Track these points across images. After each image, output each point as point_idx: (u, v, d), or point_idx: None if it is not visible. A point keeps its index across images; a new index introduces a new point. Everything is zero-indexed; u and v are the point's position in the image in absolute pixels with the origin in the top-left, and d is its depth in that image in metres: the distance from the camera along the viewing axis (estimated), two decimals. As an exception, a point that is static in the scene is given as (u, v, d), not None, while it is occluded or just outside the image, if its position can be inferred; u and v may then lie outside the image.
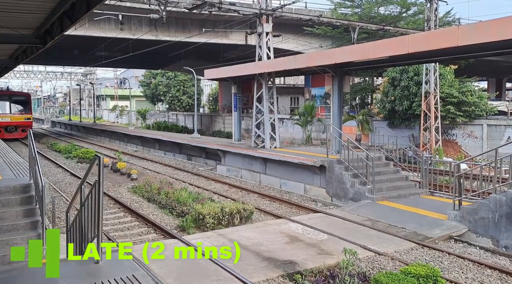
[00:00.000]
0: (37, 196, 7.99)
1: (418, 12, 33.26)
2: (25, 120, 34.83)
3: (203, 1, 19.82)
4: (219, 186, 18.18)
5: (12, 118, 34.33)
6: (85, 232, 5.99)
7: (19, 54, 14.56)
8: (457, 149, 26.12)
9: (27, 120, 35.02)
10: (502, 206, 9.96)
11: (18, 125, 34.52)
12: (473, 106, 25.37)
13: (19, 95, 39.60)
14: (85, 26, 26.38)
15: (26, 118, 35.03)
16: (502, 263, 9.19)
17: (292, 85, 51.81)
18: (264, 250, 9.22)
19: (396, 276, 7.04)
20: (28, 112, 35.66)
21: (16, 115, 34.53)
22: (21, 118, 34.70)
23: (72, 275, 5.23)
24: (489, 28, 10.63)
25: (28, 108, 35.91)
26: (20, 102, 35.54)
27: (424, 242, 9.97)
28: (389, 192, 13.83)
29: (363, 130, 28.86)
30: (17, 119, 34.48)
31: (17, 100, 35.58)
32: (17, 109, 34.85)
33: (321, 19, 25.34)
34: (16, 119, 34.46)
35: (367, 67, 19.39)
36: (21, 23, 9.61)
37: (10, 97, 35.27)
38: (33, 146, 8.36)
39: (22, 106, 35.32)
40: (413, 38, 13.20)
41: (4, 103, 34.40)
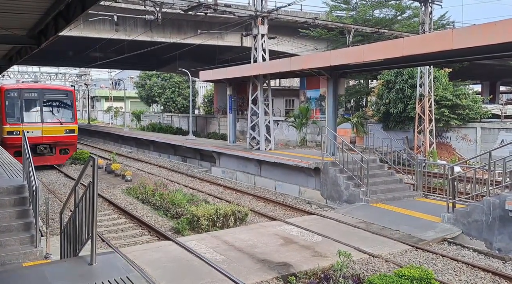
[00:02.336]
0: (31, 197, 7.95)
1: (413, 16, 33.41)
2: (67, 133, 21.87)
3: (199, 2, 19.82)
4: (214, 188, 18.16)
5: (45, 131, 21.22)
6: (79, 234, 5.96)
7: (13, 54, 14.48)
8: (451, 152, 26.24)
9: (69, 134, 22.01)
10: (495, 209, 10.01)
11: (55, 142, 21.69)
12: (467, 109, 25.51)
13: (57, 91, 23.17)
14: (80, 27, 26.31)
15: (68, 130, 21.97)
16: (495, 265, 9.24)
17: (287, 87, 51.86)
18: (258, 252, 9.21)
19: (390, 278, 7.06)
20: (71, 119, 22.30)
21: (52, 126, 21.48)
22: (60, 130, 21.68)
23: (66, 277, 5.20)
24: (482, 32, 10.71)
25: (71, 113, 22.50)
26: (59, 103, 22.42)
27: (418, 244, 10.00)
28: (384, 195, 13.88)
29: (357, 132, 28.95)
30: (53, 132, 21.50)
31: (54, 99, 22.30)
32: (53, 115, 21.85)
33: (317, 21, 25.41)
34: (52, 132, 21.47)
35: (362, 69, 19.45)
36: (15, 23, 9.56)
37: (41, 94, 21.71)
38: (27, 147, 8.31)
39: (61, 110, 22.38)
40: (407, 41, 13.27)
41: (32, 106, 21.47)
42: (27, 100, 21.10)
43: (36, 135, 20.59)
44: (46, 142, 21.31)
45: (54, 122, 21.50)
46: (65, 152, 22.47)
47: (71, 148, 22.58)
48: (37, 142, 20.76)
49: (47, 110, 21.62)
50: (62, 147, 22.13)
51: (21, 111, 20.80)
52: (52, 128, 21.33)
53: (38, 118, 21.14)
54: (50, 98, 21.91)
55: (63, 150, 22.31)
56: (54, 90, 22.94)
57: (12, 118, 20.70)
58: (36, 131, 20.68)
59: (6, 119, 20.51)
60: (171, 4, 19.94)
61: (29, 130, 19.55)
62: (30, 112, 21.15)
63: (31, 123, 20.82)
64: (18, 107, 20.83)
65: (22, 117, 20.80)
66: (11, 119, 20.64)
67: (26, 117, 20.92)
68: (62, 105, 22.28)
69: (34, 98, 21.29)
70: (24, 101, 20.99)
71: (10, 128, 20.35)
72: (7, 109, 20.69)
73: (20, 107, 20.81)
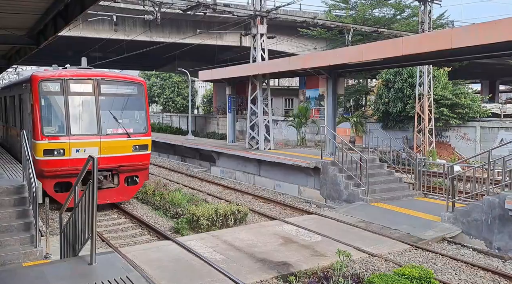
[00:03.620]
0: (31, 197, 7.95)
1: (412, 15, 33.42)
2: (136, 151, 13.66)
3: (198, 2, 19.82)
4: (213, 187, 18.16)
5: (104, 149, 13.01)
6: (79, 234, 5.96)
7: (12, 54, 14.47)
8: (450, 151, 26.25)
9: (140, 153, 13.77)
10: (495, 208, 10.02)
11: (119, 166, 13.43)
12: (466, 108, 25.52)
13: (122, 83, 14.14)
14: (79, 27, 26.28)
15: (139, 147, 13.75)
16: (495, 264, 9.25)
17: (286, 86, 51.88)
18: (258, 251, 9.22)
19: (389, 278, 7.07)
20: (143, 129, 14.06)
21: (114, 140, 13.30)
22: (127, 147, 13.53)
23: (66, 277, 5.20)
24: (482, 31, 10.71)
25: (142, 118, 14.28)
26: (124, 102, 13.95)
27: (417, 243, 10.01)
28: (383, 194, 13.88)
29: (357, 132, 28.95)
30: (116, 151, 13.31)
31: (117, 95, 13.78)
32: (117, 122, 13.43)
33: (316, 21, 25.41)
34: (115, 150, 13.28)
35: (361, 69, 19.45)
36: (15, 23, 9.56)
37: (97, 87, 13.25)
38: (26, 147, 8.30)
39: (128, 114, 14.20)
40: (407, 40, 13.28)
41: (84, 107, 13.21)
42: (75, 96, 12.76)
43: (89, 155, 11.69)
44: (106, 166, 12.83)
45: (118, 133, 13.10)
46: (133, 181, 13.87)
47: (142, 175, 13.93)
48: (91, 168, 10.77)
49: (107, 113, 13.01)
50: (129, 174, 13.60)
51: (67, 116, 12.45)
52: (115, 143, 12.97)
53: (94, 128, 12.75)
54: (111, 94, 13.32)
55: (130, 179, 13.75)
56: (118, 80, 13.82)
57: (51, 128, 12.54)
58: (91, 149, 12.45)
59: (41, 129, 12.18)
60: (170, 4, 19.94)
61: (80, 148, 12.33)
62: (81, 117, 12.85)
63: (83, 136, 12.59)
64: (62, 108, 12.53)
65: (68, 126, 12.41)
66: (49, 129, 12.43)
67: (74, 126, 12.54)
68: (130, 105, 13.80)
69: (87, 94, 12.91)
70: (71, 99, 12.67)
71: (48, 145, 12.09)
72: (44, 112, 12.39)
73: (65, 109, 12.50)
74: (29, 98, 12.82)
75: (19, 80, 15.21)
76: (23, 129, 12.93)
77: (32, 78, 12.55)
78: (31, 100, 12.52)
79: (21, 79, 14.63)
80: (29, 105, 12.75)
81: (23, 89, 13.58)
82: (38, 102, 12.33)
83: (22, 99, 14.09)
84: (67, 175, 12.00)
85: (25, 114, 13.70)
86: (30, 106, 12.72)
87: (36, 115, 12.26)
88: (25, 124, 13.70)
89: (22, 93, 13.88)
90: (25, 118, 13.74)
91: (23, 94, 13.78)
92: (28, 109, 13.04)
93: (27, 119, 13.27)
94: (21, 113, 14.38)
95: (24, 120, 13.97)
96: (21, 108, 14.27)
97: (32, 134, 12.35)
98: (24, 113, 13.91)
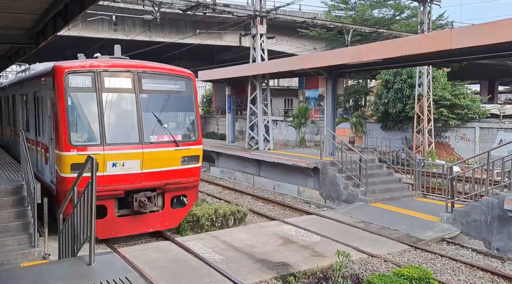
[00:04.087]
0: (29, 197, 7.94)
1: (411, 15, 33.43)
2: (185, 164, 10.54)
3: (197, 2, 19.81)
4: (213, 187, 18.15)
5: (147, 163, 9.87)
6: (78, 234, 5.95)
7: (12, 54, 14.45)
8: (449, 152, 26.25)
9: (189, 166, 10.64)
10: (494, 208, 10.02)
11: (165, 184, 10.26)
12: (465, 109, 25.53)
13: (167, 77, 10.80)
14: (78, 27, 26.25)
15: (188, 158, 10.62)
16: (494, 265, 9.24)
17: (286, 87, 51.86)
18: (257, 252, 9.21)
19: (389, 278, 7.06)
20: (193, 136, 11.02)
21: (159, 150, 10.12)
22: (174, 159, 10.35)
23: (64, 277, 5.18)
24: (481, 32, 10.72)
25: (192, 121, 11.24)
26: (170, 101, 10.77)
27: (416, 244, 10.00)
28: (382, 194, 13.87)
29: (356, 132, 28.95)
30: (161, 164, 10.15)
31: (162, 92, 10.62)
32: (161, 126, 10.32)
33: (315, 21, 25.42)
34: (160, 163, 10.11)
35: (361, 69, 19.46)
36: (14, 23, 9.54)
37: (138, 82, 10.13)
38: (25, 147, 8.29)
39: (175, 117, 11.32)
40: (406, 41, 13.28)
41: (121, 107, 10.20)
42: (111, 94, 9.85)
43: (129, 170, 9.64)
44: (150, 184, 9.97)
45: (164, 142, 10.18)
46: (181, 202, 10.90)
47: (191, 195, 10.94)
48: (132, 187, 9.72)
49: (150, 116, 10.16)
50: (176, 193, 10.64)
51: (101, 119, 9.56)
52: (160, 154, 10.06)
53: (134, 135, 9.86)
54: (154, 91, 10.43)
55: (176, 199, 10.78)
56: (163, 73, 10.73)
57: (81, 135, 9.69)
58: (131, 162, 9.66)
59: (68, 137, 9.29)
60: (169, 4, 19.92)
61: (117, 161, 9.47)
62: (118, 120, 10.00)
63: (122, 145, 9.70)
64: (95, 109, 9.62)
65: (102, 133, 9.52)
66: (79, 137, 9.57)
67: (110, 132, 9.64)
68: (177, 105, 11.04)
69: (126, 90, 10.01)
70: (106, 97, 9.75)
71: (78, 158, 9.06)
72: (71, 114, 9.55)
73: (98, 110, 9.59)
74: (49, 96, 9.96)
75: (33, 74, 12.36)
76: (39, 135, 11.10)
77: (55, 70, 9.46)
78: (53, 99, 9.52)
79: (37, 72, 11.66)
80: (50, 105, 9.91)
81: (40, 85, 10.57)
82: (63, 101, 9.22)
83: (38, 98, 11.22)
84: (101, 197, 8.56)
85: (42, 117, 10.89)
86: (51, 107, 9.80)
87: (61, 118, 9.17)
88: (42, 129, 10.92)
89: (39, 90, 11.03)
90: (42, 121, 10.90)
91: (40, 91, 11.00)
92: (48, 110, 10.22)
93: (46, 123, 10.44)
94: (36, 116, 11.44)
95: (40, 125, 11.09)
96: (37, 109, 11.39)
97: (54, 143, 9.50)
98: (40, 116, 11.04)
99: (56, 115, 9.43)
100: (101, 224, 8.78)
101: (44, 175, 10.79)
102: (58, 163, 9.41)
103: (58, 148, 9.43)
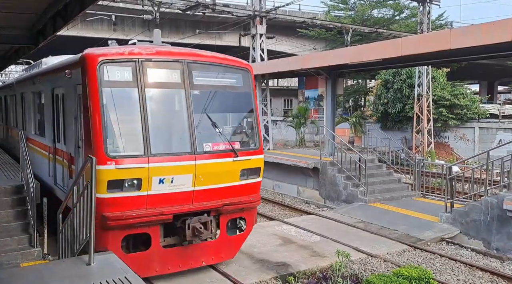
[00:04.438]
0: (29, 197, 7.93)
1: (411, 15, 33.47)
2: (244, 179, 8.10)
3: (197, 2, 19.81)
4: (212, 187, 18.11)
5: (200, 178, 7.49)
6: (77, 234, 5.95)
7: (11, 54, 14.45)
8: (449, 152, 26.28)
9: (248, 181, 8.20)
10: (493, 208, 10.02)
11: (222, 205, 7.82)
12: (465, 109, 25.56)
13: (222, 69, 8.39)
14: (77, 27, 26.27)
15: (248, 172, 8.17)
16: (493, 265, 9.24)
17: (285, 87, 51.86)
18: (257, 252, 9.21)
19: (388, 278, 7.06)
20: (253, 142, 8.46)
21: (214, 161, 7.70)
22: (232, 173, 7.93)
23: (64, 277, 5.18)
24: (480, 32, 10.73)
25: (250, 123, 8.65)
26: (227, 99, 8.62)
27: (416, 244, 10.01)
28: (382, 194, 13.88)
29: (356, 132, 28.97)
30: (216, 179, 7.72)
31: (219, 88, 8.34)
32: (216, 131, 7.89)
33: (315, 21, 25.45)
34: (217, 178, 7.73)
35: (360, 69, 19.46)
36: (14, 23, 9.54)
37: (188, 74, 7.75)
38: (24, 147, 8.28)
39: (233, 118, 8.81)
40: (406, 41, 13.29)
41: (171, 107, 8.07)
42: (156, 90, 7.79)
43: (179, 187, 7.47)
44: (206, 206, 7.82)
45: (220, 150, 7.96)
46: (238, 228, 8.74)
47: (250, 217, 8.77)
48: (182, 210, 7.57)
49: (204, 118, 7.98)
50: (233, 216, 8.48)
51: (144, 122, 7.29)
52: (217, 167, 7.89)
53: (185, 142, 7.68)
54: (207, 86, 8.33)
55: (231, 223, 8.54)
56: (217, 64, 8.49)
57: (119, 142, 7.27)
58: (182, 177, 7.50)
59: (103, 144, 6.99)
60: (169, 4, 19.94)
61: (165, 176, 7.29)
62: (165, 124, 8.01)
63: (170, 156, 7.48)
64: (136, 109, 7.37)
65: (146, 140, 7.24)
66: (117, 146, 7.22)
67: (156, 139, 7.45)
68: (234, 104, 8.90)
69: (173, 85, 7.89)
70: (151, 94, 7.64)
71: (117, 173, 6.93)
72: (107, 115, 7.19)
73: (141, 111, 7.34)
74: (75, 93, 7.92)
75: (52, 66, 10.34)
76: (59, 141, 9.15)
77: (85, 59, 7.21)
78: (83, 96, 7.28)
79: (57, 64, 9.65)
80: (77, 104, 7.87)
81: (62, 79, 8.47)
82: (97, 99, 6.99)
83: (58, 95, 9.21)
84: (143, 223, 7.07)
85: (64, 119, 8.88)
86: (78, 107, 7.76)
87: (94, 121, 6.95)
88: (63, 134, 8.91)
89: (60, 85, 9.06)
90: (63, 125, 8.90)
91: (61, 87, 9.02)
92: (73, 111, 8.14)
93: (70, 127, 8.37)
94: (55, 118, 9.43)
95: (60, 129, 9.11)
96: (56, 109, 9.39)
97: (85, 152, 7.22)
98: (61, 118, 9.05)
99: (87, 117, 7.09)
100: (144, 258, 7.16)
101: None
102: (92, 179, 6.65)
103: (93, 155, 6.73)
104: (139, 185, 6.93)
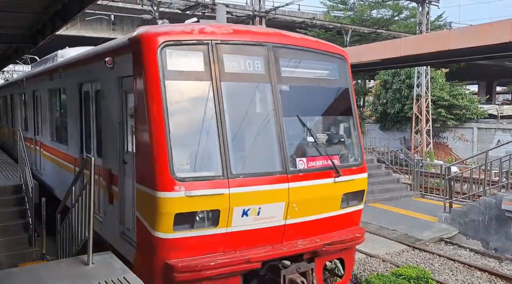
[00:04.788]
0: (27, 197, 7.93)
1: (410, 16, 33.47)
2: (345, 206, 5.97)
3: (196, 2, 19.81)
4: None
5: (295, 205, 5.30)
6: (76, 234, 5.94)
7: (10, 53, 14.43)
8: (447, 152, 26.30)
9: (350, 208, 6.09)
10: (492, 208, 10.03)
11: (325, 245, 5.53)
12: (464, 109, 25.59)
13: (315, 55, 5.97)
14: (76, 26, 26.23)
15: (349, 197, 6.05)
16: (492, 265, 9.25)
17: (284, 87, 51.84)
18: (255, 252, 9.18)
19: (387, 278, 7.07)
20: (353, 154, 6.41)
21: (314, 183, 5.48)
22: (333, 198, 5.76)
23: (62, 277, 5.17)
24: (479, 33, 10.74)
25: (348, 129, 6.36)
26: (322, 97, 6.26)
27: (415, 244, 10.02)
28: (381, 195, 13.89)
29: (355, 132, 28.94)
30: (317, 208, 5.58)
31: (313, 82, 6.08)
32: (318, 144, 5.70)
33: (314, 21, 25.48)
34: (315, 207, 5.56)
35: (359, 69, 19.46)
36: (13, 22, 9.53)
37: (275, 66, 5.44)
38: (23, 146, 8.27)
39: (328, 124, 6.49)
40: (405, 41, 13.31)
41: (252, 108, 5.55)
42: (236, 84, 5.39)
43: (267, 221, 5.25)
44: (298, 247, 5.39)
45: (318, 169, 5.62)
46: (337, 274, 6.31)
47: (350, 257, 6.28)
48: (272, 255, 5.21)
49: (294, 123, 5.70)
50: (330, 257, 5.95)
51: (222, 130, 5.04)
52: (314, 190, 5.55)
53: (273, 158, 5.35)
54: (298, 79, 5.92)
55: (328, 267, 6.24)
56: (308, 49, 5.93)
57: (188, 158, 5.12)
58: (271, 207, 5.23)
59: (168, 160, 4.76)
60: (168, 4, 19.93)
61: (250, 206, 5.05)
62: (247, 133, 5.53)
63: (256, 177, 5.15)
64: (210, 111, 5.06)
65: (225, 155, 4.99)
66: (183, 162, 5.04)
67: (237, 155, 5.21)
68: (328, 103, 6.49)
69: (256, 78, 5.44)
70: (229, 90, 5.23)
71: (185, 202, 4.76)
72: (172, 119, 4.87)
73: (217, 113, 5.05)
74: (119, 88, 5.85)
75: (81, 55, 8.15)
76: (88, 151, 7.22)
77: (140, 40, 5.11)
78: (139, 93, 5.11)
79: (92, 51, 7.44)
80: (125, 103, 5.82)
81: (99, 70, 6.35)
82: (159, 95, 4.89)
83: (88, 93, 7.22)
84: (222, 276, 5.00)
85: (95, 124, 6.93)
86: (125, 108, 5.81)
87: (155, 127, 4.88)
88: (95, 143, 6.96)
89: (95, 79, 6.87)
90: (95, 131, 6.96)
91: (92, 82, 6.98)
92: (118, 113, 5.88)
93: (108, 134, 6.35)
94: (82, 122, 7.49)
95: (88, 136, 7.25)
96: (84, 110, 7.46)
97: (136, 171, 5.37)
98: (91, 122, 7.04)
99: (143, 123, 5.01)
100: None
101: (106, 224, 6.47)
102: (148, 211, 5.06)
103: (147, 182, 4.99)
104: (215, 219, 4.95)
